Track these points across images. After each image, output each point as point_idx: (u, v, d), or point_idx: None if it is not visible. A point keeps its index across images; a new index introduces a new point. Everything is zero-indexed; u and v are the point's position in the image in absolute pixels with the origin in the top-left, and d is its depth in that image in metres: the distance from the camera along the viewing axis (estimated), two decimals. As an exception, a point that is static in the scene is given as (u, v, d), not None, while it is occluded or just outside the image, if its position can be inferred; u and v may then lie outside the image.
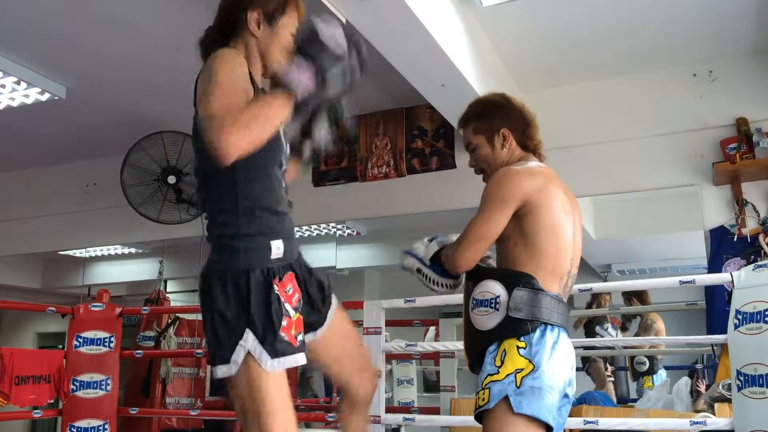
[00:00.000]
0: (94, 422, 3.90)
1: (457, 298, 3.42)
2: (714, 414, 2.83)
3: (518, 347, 1.63)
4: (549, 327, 1.66)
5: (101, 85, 4.08)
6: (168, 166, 4.53)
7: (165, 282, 5.63)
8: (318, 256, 5.47)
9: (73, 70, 3.88)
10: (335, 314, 1.79)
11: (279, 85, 1.43)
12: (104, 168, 5.10)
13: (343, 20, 2.61)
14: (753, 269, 2.69)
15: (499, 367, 1.62)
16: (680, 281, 2.88)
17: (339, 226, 5.13)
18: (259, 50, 1.64)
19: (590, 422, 2.97)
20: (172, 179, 4.50)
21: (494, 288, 1.69)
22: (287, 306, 1.55)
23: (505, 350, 1.64)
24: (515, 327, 1.64)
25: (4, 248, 5.70)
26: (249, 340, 1.48)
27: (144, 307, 4.50)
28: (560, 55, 3.70)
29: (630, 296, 4.39)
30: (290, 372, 1.61)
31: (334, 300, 1.79)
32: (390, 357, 4.32)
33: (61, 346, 5.16)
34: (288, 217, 1.64)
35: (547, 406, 1.57)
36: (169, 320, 5.06)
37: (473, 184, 2.00)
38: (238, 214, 1.53)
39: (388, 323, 3.52)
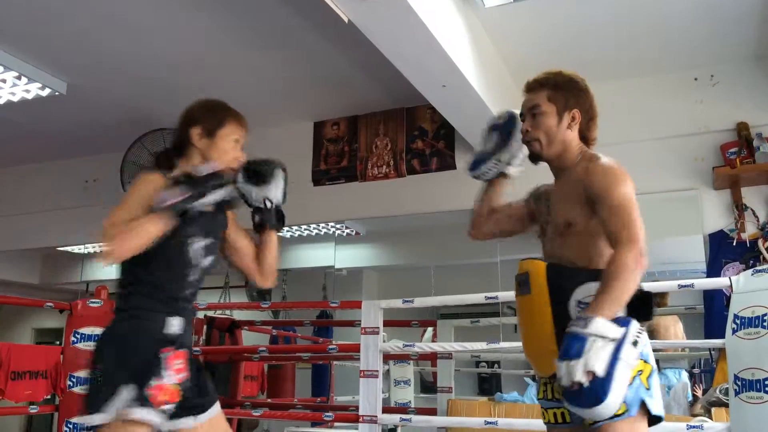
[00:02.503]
0: (91, 419, 3.89)
1: (455, 299, 3.44)
2: (711, 418, 2.83)
3: None
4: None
5: (102, 81, 4.08)
6: (168, 163, 4.52)
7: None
8: (316, 256, 5.48)
9: (74, 66, 3.88)
10: (218, 415, 1.91)
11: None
12: (104, 164, 5.10)
13: (346, 19, 2.61)
14: (752, 274, 2.69)
15: None
16: (679, 285, 2.88)
17: (338, 226, 5.13)
18: (203, 156, 1.93)
19: (587, 425, 2.96)
20: (172, 176, 4.50)
21: None
22: (168, 372, 1.74)
23: None
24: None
25: (2, 243, 5.69)
26: (123, 394, 1.66)
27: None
28: (562, 57, 3.69)
29: None
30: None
31: (217, 405, 1.92)
32: (387, 357, 4.31)
33: (58, 342, 5.16)
34: (189, 310, 1.89)
35: (662, 404, 1.60)
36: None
37: (473, 185, 2.00)
38: (141, 294, 1.81)
39: (386, 323, 3.52)
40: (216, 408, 1.91)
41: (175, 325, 1.81)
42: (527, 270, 1.72)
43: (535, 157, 1.85)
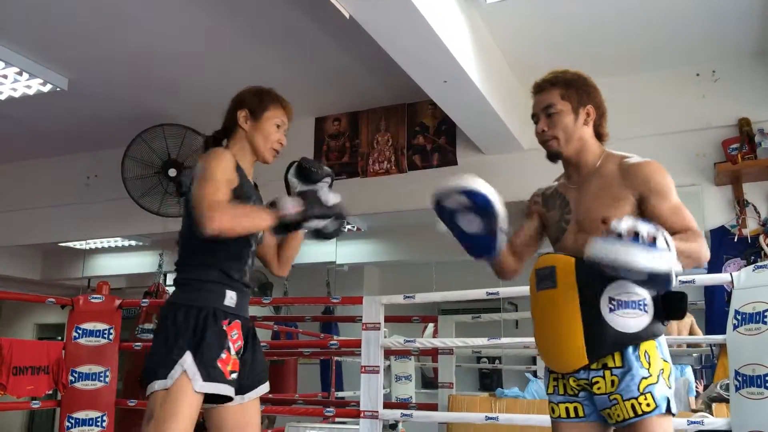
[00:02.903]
0: (93, 414, 3.90)
1: (456, 295, 3.44)
2: (711, 414, 2.83)
3: (655, 347, 1.65)
4: None
5: (103, 77, 4.08)
6: (169, 159, 4.53)
7: (164, 275, 5.63)
8: (317, 252, 5.48)
9: (75, 62, 3.88)
10: (256, 401, 1.96)
11: (272, 203, 1.86)
12: (105, 160, 5.10)
13: (347, 15, 2.60)
14: (753, 270, 2.69)
15: (648, 368, 1.61)
16: (680, 281, 2.88)
17: (339, 222, 5.12)
18: (248, 140, 2.03)
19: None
20: (172, 172, 4.50)
21: (638, 289, 1.63)
22: (230, 344, 1.84)
23: (646, 351, 1.63)
24: (657, 328, 1.65)
25: (4, 239, 5.70)
26: (188, 361, 1.74)
27: (143, 300, 4.50)
28: (563, 52, 3.69)
29: None
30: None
31: (265, 386, 1.99)
32: (388, 353, 4.32)
33: (60, 338, 5.17)
34: (246, 291, 1.97)
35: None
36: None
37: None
38: (204, 268, 1.89)
39: (387, 319, 3.52)
40: (262, 388, 1.97)
41: (232, 297, 1.89)
42: (552, 264, 1.71)
43: (553, 156, 1.85)
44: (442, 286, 4.45)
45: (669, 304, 1.64)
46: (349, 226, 5.23)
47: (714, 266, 3.53)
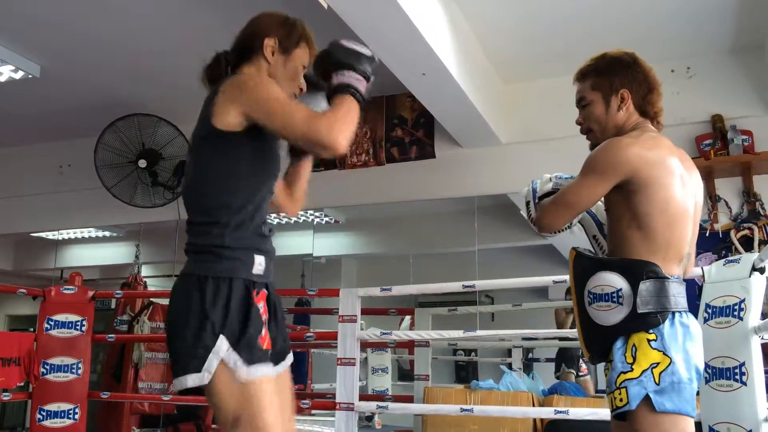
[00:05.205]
0: (65, 406, 3.86)
1: (433, 287, 3.46)
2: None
3: (649, 340, 1.53)
4: (678, 314, 1.56)
5: (77, 65, 4.01)
6: (143, 148, 4.47)
7: (138, 266, 5.57)
8: (295, 244, 5.46)
9: (48, 49, 3.81)
10: (286, 372, 1.66)
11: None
12: (79, 149, 5.01)
13: (325, 6, 2.58)
14: (723, 264, 2.73)
15: (632, 363, 1.53)
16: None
17: (317, 214, 5.12)
18: (270, 75, 1.71)
19: (561, 412, 3.01)
20: (143, 163, 4.44)
21: (613, 280, 1.57)
22: (264, 319, 1.55)
23: (634, 345, 1.54)
24: (644, 320, 1.54)
25: (-26, 228, 5.59)
26: (223, 349, 1.43)
27: (117, 291, 4.45)
28: (541, 47, 3.71)
29: None
30: None
31: (289, 356, 1.68)
32: (365, 345, 4.33)
33: (32, 329, 5.09)
34: (270, 240, 1.65)
35: (687, 399, 1.52)
36: (143, 305, 5.01)
37: (452, 174, 2.01)
38: (230, 228, 1.54)
39: (364, 311, 3.53)
40: (290, 358, 1.67)
41: (261, 264, 1.57)
42: (569, 256, 1.72)
43: (595, 147, 1.79)
44: (419, 279, 4.47)
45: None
46: (326, 219, 5.22)
47: (686, 260, 3.59)
